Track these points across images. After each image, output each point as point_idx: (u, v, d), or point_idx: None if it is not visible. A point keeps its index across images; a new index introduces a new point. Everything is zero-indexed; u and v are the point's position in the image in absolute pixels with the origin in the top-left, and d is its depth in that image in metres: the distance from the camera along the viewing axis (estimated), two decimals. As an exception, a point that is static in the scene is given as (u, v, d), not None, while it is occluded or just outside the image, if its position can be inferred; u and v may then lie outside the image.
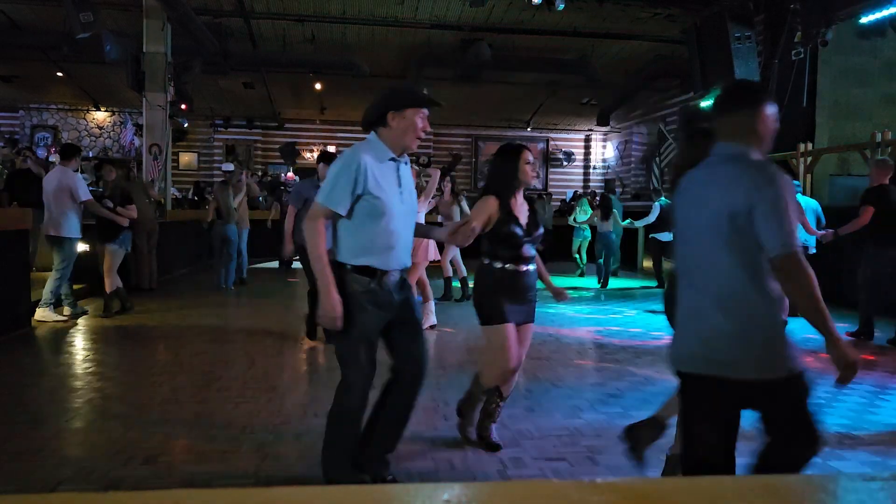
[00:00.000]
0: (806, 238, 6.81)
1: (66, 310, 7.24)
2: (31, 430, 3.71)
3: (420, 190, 5.96)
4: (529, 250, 3.43)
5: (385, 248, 2.76)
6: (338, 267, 2.76)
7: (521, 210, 3.45)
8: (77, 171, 7.29)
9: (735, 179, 2.00)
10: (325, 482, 2.78)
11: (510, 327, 3.39)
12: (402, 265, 2.86)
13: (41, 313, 6.96)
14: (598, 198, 12.47)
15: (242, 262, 10.34)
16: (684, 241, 2.20)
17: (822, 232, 6.85)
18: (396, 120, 2.75)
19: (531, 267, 3.45)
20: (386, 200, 2.72)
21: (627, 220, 11.50)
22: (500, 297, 3.38)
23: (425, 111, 2.80)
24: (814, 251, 6.98)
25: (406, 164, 2.89)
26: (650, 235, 11.20)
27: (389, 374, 2.96)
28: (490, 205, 3.36)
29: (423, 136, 2.83)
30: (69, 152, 7.32)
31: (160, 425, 3.84)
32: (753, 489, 1.03)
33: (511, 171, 3.40)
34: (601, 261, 11.21)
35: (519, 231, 3.37)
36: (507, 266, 3.38)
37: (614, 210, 11.35)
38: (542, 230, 3.56)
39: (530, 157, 3.46)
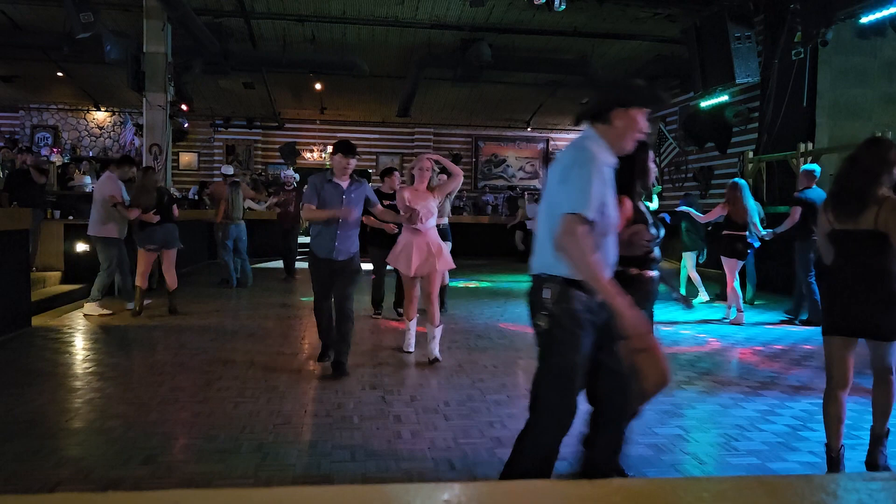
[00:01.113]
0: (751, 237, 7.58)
1: (117, 304, 7.73)
2: (31, 430, 3.71)
3: (432, 191, 5.78)
4: (657, 252, 3.19)
5: (605, 260, 2.45)
6: (550, 279, 2.42)
7: (644, 209, 3.18)
8: (124, 178, 7.72)
9: None
10: None
11: None
12: None
13: (88, 308, 7.44)
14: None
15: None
16: None
17: (766, 233, 7.58)
18: (621, 118, 2.45)
19: (657, 272, 3.19)
20: (611, 208, 2.42)
21: None
22: None
23: (648, 110, 2.52)
24: (758, 245, 7.69)
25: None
26: None
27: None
28: (628, 206, 3.01)
29: (640, 137, 2.53)
30: (120, 161, 7.93)
31: (160, 425, 3.84)
32: (753, 489, 1.03)
33: (640, 168, 3.08)
34: None
35: (654, 231, 3.11)
36: (642, 271, 3.10)
37: None
38: (663, 230, 3.30)
39: (652, 154, 3.19)
